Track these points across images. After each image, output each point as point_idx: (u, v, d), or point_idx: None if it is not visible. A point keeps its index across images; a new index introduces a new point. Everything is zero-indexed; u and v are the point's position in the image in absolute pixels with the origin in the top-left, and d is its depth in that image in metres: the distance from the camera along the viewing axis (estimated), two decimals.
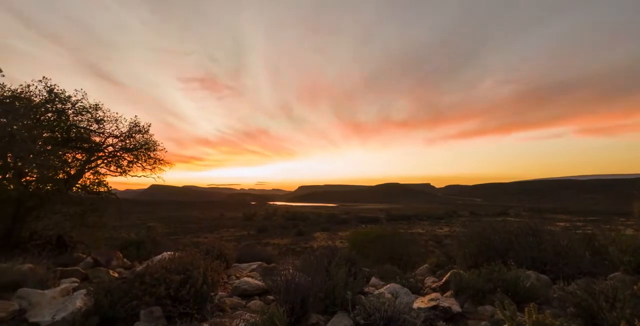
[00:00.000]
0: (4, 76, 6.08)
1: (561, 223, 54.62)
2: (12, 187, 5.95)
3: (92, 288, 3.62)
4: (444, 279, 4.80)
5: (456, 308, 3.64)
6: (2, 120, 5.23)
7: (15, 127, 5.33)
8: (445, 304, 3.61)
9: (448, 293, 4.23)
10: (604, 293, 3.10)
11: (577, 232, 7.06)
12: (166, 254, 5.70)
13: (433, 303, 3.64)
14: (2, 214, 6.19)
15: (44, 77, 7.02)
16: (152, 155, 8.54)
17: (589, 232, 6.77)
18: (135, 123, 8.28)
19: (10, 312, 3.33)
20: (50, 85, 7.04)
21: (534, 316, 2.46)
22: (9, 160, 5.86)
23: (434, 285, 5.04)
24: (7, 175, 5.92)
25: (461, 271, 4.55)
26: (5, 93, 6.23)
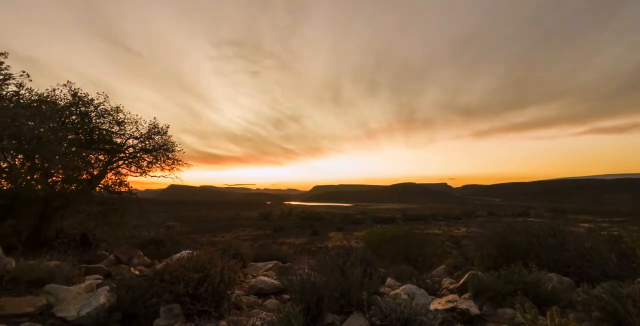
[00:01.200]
0: (31, 81, 6.35)
1: (585, 224, 52.70)
2: (39, 187, 6.22)
3: (114, 285, 3.74)
4: (462, 280, 4.71)
5: (474, 310, 3.57)
6: (30, 123, 5.46)
7: (42, 129, 5.56)
8: (463, 306, 3.55)
9: (466, 295, 4.16)
10: (631, 297, 2.98)
11: (602, 233, 6.79)
12: (185, 253, 5.83)
13: (450, 305, 3.58)
14: (30, 213, 6.47)
15: (68, 81, 7.33)
16: (170, 155, 8.74)
17: (615, 233, 6.50)
18: (154, 125, 8.50)
19: (39, 307, 3.48)
20: (75, 89, 7.33)
21: (556, 320, 2.38)
22: (36, 161, 6.12)
23: (451, 287, 4.96)
24: (35, 176, 6.19)
25: (479, 273, 4.46)
26: (32, 97, 6.50)
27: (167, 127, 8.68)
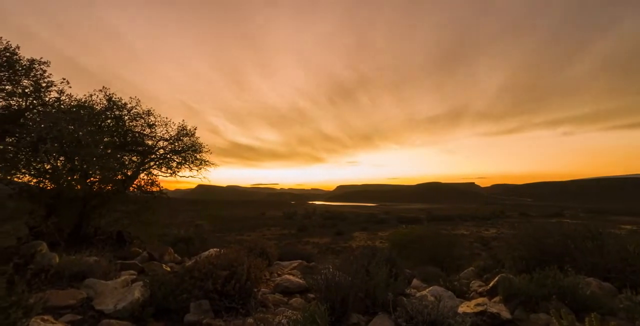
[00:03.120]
0: (70, 87, 6.76)
1: (627, 226, 49.38)
2: (79, 187, 6.61)
3: (147, 281, 3.92)
4: (492, 283, 4.56)
5: (506, 314, 3.45)
6: (70, 127, 5.82)
7: (81, 133, 5.91)
8: (494, 310, 3.44)
9: (496, 299, 4.02)
10: None
11: None
12: (212, 250, 6.01)
13: (480, 309, 3.48)
14: (71, 212, 6.89)
15: (103, 87, 7.75)
16: (198, 156, 9.04)
17: None
18: (183, 127, 8.82)
19: (80, 300, 3.71)
20: (109, 94, 7.74)
21: None
22: (76, 162, 6.52)
23: (480, 290, 4.81)
24: (75, 176, 6.58)
25: (511, 276, 4.30)
26: (72, 103, 6.93)
27: (195, 129, 8.99)
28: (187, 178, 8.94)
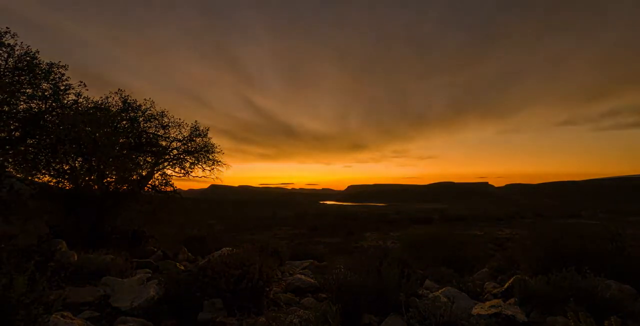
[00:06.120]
0: (87, 90, 6.94)
1: None
2: (96, 187, 6.79)
3: (162, 279, 3.99)
4: (507, 285, 4.49)
5: (521, 317, 3.38)
6: (87, 129, 5.98)
7: (97, 134, 6.07)
8: (509, 312, 3.38)
9: (511, 301, 3.94)
10: None
11: None
12: (225, 250, 6.08)
13: (494, 310, 3.42)
14: (89, 211, 7.08)
15: (119, 89, 7.94)
16: (210, 156, 9.16)
17: None
18: (196, 128, 8.96)
19: (97, 297, 3.82)
20: (125, 96, 7.92)
21: None
22: (93, 163, 6.69)
23: (495, 291, 4.73)
24: (92, 177, 6.76)
25: (526, 277, 4.21)
26: (89, 105, 7.12)
27: (207, 130, 9.12)
28: (199, 179, 9.08)
